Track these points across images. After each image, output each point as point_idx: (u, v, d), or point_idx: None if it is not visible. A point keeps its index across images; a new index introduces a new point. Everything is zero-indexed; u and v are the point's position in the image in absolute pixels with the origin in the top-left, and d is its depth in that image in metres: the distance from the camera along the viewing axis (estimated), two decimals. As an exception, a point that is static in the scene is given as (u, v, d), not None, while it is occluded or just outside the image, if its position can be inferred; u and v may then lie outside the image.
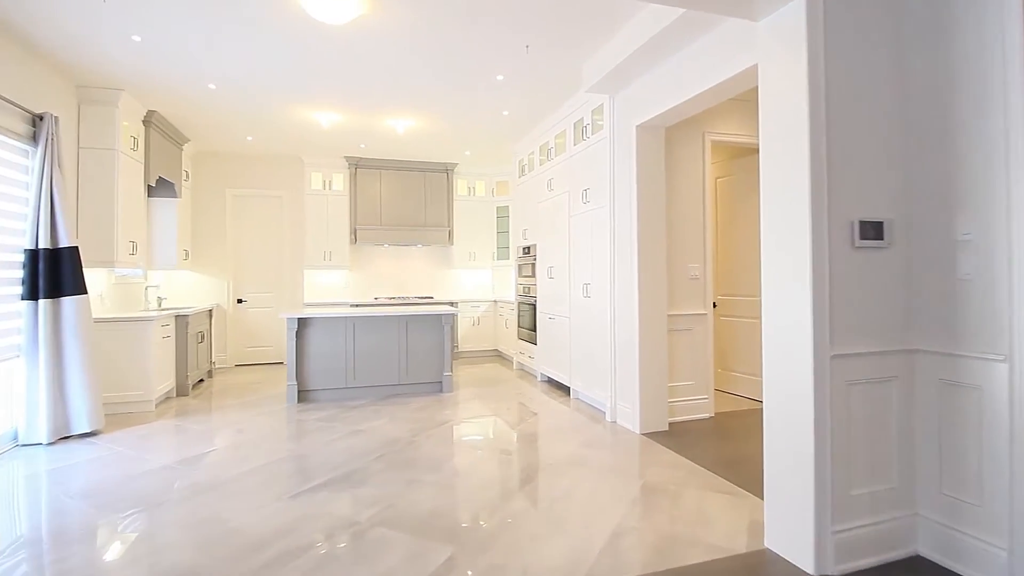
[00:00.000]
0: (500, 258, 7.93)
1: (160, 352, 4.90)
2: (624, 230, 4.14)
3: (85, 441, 3.89)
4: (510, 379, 6.13)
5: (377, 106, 5.19)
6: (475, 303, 7.64)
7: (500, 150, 6.95)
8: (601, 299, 4.47)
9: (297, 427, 4.19)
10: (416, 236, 7.45)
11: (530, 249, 6.23)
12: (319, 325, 5.11)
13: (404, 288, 7.83)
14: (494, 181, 7.95)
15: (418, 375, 5.38)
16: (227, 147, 6.68)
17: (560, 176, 5.33)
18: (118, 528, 2.52)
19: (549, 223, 5.62)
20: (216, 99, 4.92)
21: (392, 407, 4.80)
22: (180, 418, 4.47)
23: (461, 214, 7.84)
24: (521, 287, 6.55)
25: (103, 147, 4.59)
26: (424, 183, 7.60)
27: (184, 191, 6.51)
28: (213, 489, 2.96)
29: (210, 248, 6.94)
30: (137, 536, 2.44)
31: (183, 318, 5.32)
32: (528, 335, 6.31)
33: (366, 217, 7.34)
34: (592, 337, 4.65)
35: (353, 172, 7.29)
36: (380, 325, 5.27)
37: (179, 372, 5.32)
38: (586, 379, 4.79)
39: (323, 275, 7.47)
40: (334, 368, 5.15)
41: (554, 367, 5.54)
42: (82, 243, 4.53)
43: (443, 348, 5.42)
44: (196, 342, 5.72)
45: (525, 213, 6.41)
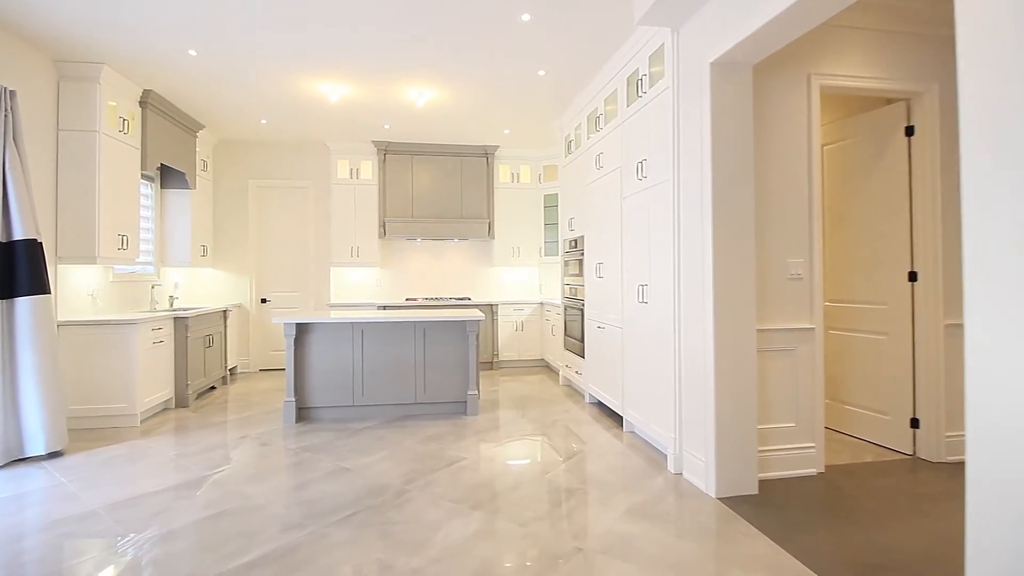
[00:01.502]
0: (548, 254, 6.91)
1: (150, 359, 4.33)
2: (693, 212, 3.01)
3: (38, 466, 3.32)
4: (553, 398, 5.11)
5: (387, 72, 4.34)
6: (518, 305, 6.67)
7: (544, 127, 5.93)
8: (661, 306, 3.36)
9: (277, 459, 3.42)
10: (452, 229, 6.59)
11: (577, 242, 5.17)
12: (321, 332, 4.35)
13: (439, 288, 7.01)
14: (541, 165, 6.94)
15: (437, 393, 4.49)
16: (245, 133, 6.14)
17: (611, 149, 4.24)
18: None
19: (598, 209, 4.54)
20: (201, 69, 4.27)
21: (399, 434, 3.94)
22: (159, 439, 3.85)
23: (503, 204, 6.89)
24: (568, 287, 5.51)
25: (83, 128, 4.06)
26: (461, 169, 6.73)
27: (202, 183, 6.03)
28: (108, 561, 2.19)
29: (232, 244, 6.45)
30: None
31: (182, 321, 4.76)
32: (575, 345, 5.26)
33: (396, 208, 6.57)
34: (649, 355, 3.54)
35: (382, 158, 6.54)
36: (392, 333, 4.44)
37: (178, 381, 4.77)
38: (642, 409, 3.68)
39: (351, 273, 6.80)
40: (339, 383, 4.37)
41: (603, 388, 4.46)
42: (62, 237, 4.02)
43: (467, 361, 4.50)
44: (203, 347, 5.17)
45: (572, 199, 5.35)
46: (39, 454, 3.41)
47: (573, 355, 5.33)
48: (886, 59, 3.32)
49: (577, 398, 5.09)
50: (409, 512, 2.64)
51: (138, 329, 4.13)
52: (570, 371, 5.45)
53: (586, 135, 4.90)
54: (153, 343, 4.38)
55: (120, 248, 4.36)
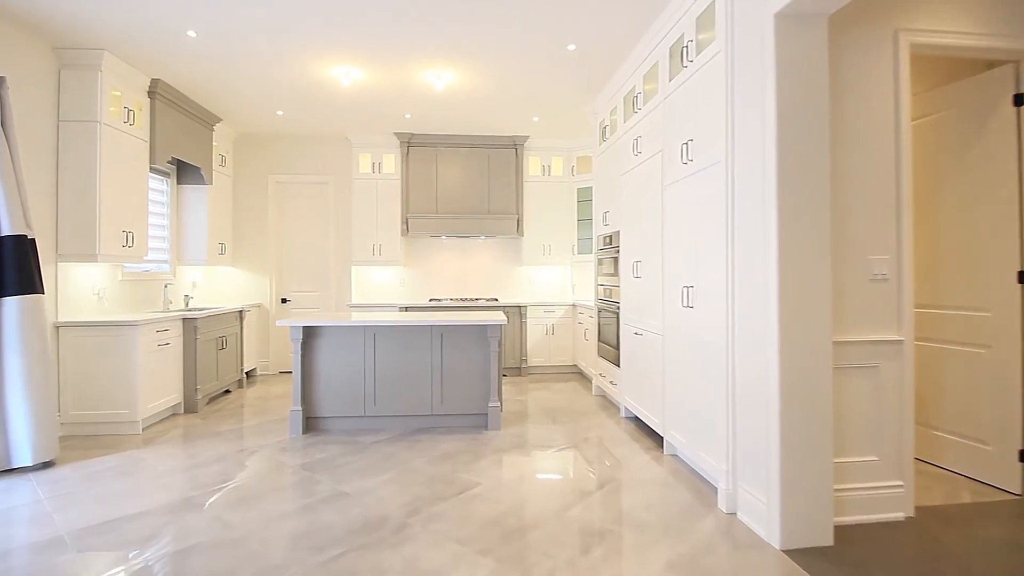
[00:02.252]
0: (582, 252, 6.41)
1: (155, 363, 4.10)
2: (752, 200, 2.48)
3: (24, 478, 3.10)
4: (585, 410, 4.62)
5: (399, 52, 3.97)
6: (549, 307, 6.20)
7: (575, 113, 5.45)
8: (711, 311, 2.84)
9: (272, 478, 3.08)
10: (478, 226, 6.18)
11: (612, 238, 4.67)
12: (331, 336, 4.02)
13: (465, 288, 6.62)
14: (574, 157, 6.45)
15: (455, 404, 4.08)
16: (263, 126, 5.91)
17: (650, 131, 3.73)
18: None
19: (634, 200, 4.04)
20: (203, 52, 4.00)
21: (410, 451, 3.55)
22: (156, 450, 3.59)
23: (533, 198, 6.44)
24: (602, 288, 5.01)
25: (83, 118, 3.86)
26: (488, 162, 6.31)
27: (221, 178, 5.83)
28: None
29: (252, 242, 6.25)
30: None
31: (191, 322, 4.52)
32: (610, 353, 4.76)
33: (419, 204, 6.22)
34: (695, 369, 3.02)
35: (405, 152, 6.20)
36: (407, 337, 4.06)
37: (187, 386, 4.54)
38: (687, 431, 3.17)
39: (373, 272, 6.49)
40: (349, 392, 4.03)
41: (641, 403, 3.95)
42: (62, 233, 3.82)
43: (489, 370, 4.07)
44: (216, 349, 4.94)
45: (606, 191, 4.85)
46: (26, 465, 3.18)
47: (607, 363, 4.83)
48: (990, 11, 2.70)
49: (611, 411, 4.60)
50: (406, 554, 2.23)
51: (140, 331, 3.89)
52: (604, 380, 4.95)
53: (622, 119, 4.39)
54: (158, 345, 4.14)
55: (125, 245, 4.15)
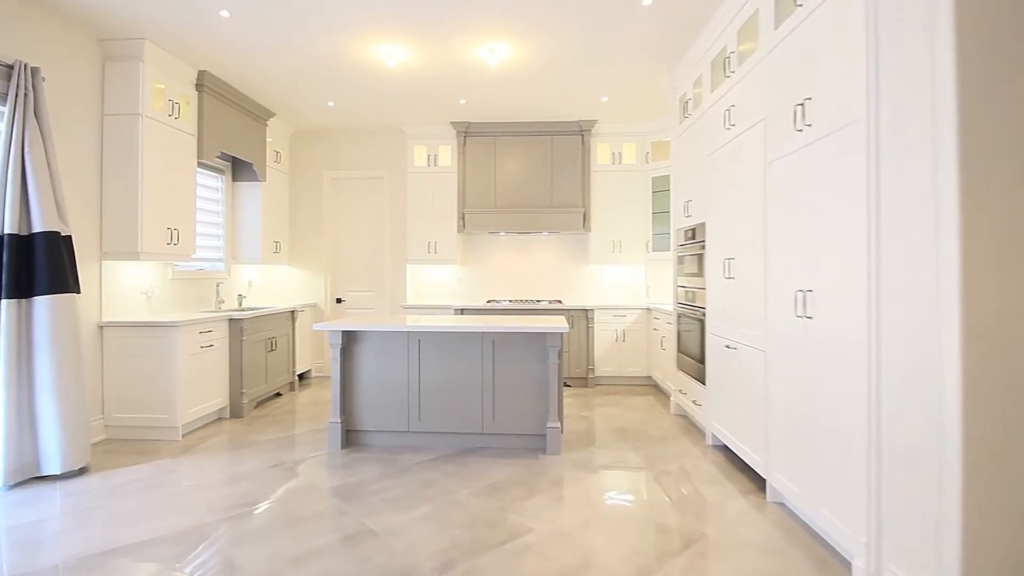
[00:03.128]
0: (658, 249, 5.69)
1: (197, 366, 3.90)
2: (912, 170, 1.75)
3: (51, 487, 2.92)
4: (662, 433, 3.94)
5: (443, 23, 3.50)
6: (619, 311, 5.54)
7: (651, 88, 4.75)
8: (840, 323, 2.11)
9: (295, 505, 2.70)
10: (540, 221, 5.63)
11: (695, 232, 3.95)
12: (373, 342, 3.62)
13: (525, 289, 6.09)
14: (648, 142, 5.73)
15: (509, 423, 3.56)
16: (316, 120, 5.69)
17: (747, 97, 3.01)
18: None
19: (726, 184, 3.32)
20: (239, 33, 3.73)
21: (454, 478, 3.06)
22: (190, 461, 3.35)
23: (602, 190, 5.80)
24: (682, 291, 4.29)
25: (125, 111, 3.71)
26: (551, 150, 5.74)
27: (277, 175, 5.68)
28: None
29: (307, 240, 6.07)
30: None
31: (236, 323, 4.32)
32: (692, 367, 4.05)
33: (477, 198, 5.77)
34: (815, 399, 2.30)
35: (462, 142, 5.77)
36: (455, 345, 3.59)
37: (232, 389, 4.33)
38: (800, 478, 2.44)
39: (429, 271, 6.12)
40: (392, 404, 3.61)
41: (734, 432, 3.23)
42: (106, 230, 3.70)
43: (547, 385, 3.51)
44: (264, 351, 4.73)
45: (688, 176, 4.13)
46: (53, 473, 3.01)
47: (689, 378, 4.12)
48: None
49: (695, 436, 3.88)
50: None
51: (180, 332, 3.69)
52: (685, 399, 4.23)
53: (708, 88, 3.67)
54: (201, 347, 3.95)
55: (170, 243, 3.99)
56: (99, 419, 3.68)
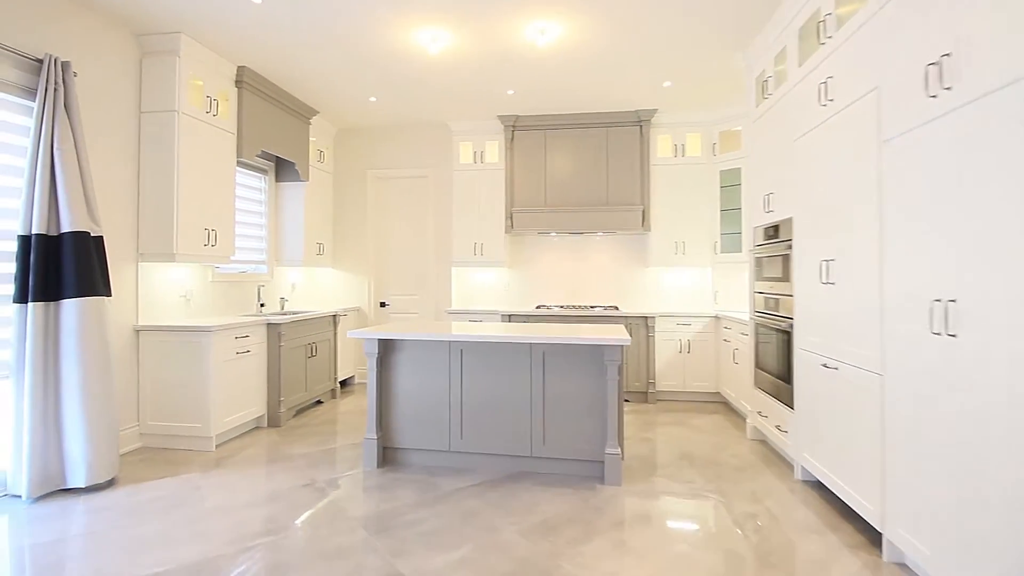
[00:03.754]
0: (726, 250, 5.12)
1: (232, 373, 3.72)
2: None
3: (76, 500, 2.77)
4: (739, 462, 3.42)
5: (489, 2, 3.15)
6: (683, 319, 5.01)
7: (721, 70, 4.22)
8: (1001, 346, 1.58)
9: (320, 537, 2.40)
10: (594, 220, 5.19)
11: (777, 229, 3.41)
12: (410, 351, 3.31)
13: (578, 294, 5.65)
14: (715, 132, 5.18)
15: (561, 446, 3.15)
16: (359, 117, 5.48)
17: (851, 64, 2.48)
18: None
19: (821, 171, 2.78)
20: (273, 24, 3.51)
21: (499, 510, 2.68)
22: (219, 476, 3.14)
23: (663, 185, 5.29)
24: (761, 298, 3.74)
25: (161, 108, 3.58)
26: (606, 143, 5.29)
27: (321, 175, 5.53)
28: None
29: (350, 242, 5.89)
30: None
31: (275, 327, 4.13)
32: (775, 387, 3.50)
33: (526, 196, 5.39)
34: (964, 443, 1.76)
35: (509, 137, 5.42)
36: (501, 357, 3.22)
37: (270, 397, 4.15)
38: (936, 540, 1.90)
39: (475, 275, 5.80)
40: (432, 420, 3.29)
41: (836, 470, 2.68)
42: (142, 231, 3.57)
43: (605, 404, 3.08)
44: (304, 357, 4.54)
45: (767, 166, 3.59)
46: (78, 486, 2.86)
47: (770, 399, 3.57)
48: None
49: (779, 467, 3.34)
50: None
51: (214, 338, 3.51)
52: (766, 423, 3.68)
53: (796, 62, 3.14)
54: (236, 353, 3.77)
55: (207, 245, 3.84)
56: (134, 426, 3.56)
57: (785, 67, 3.34)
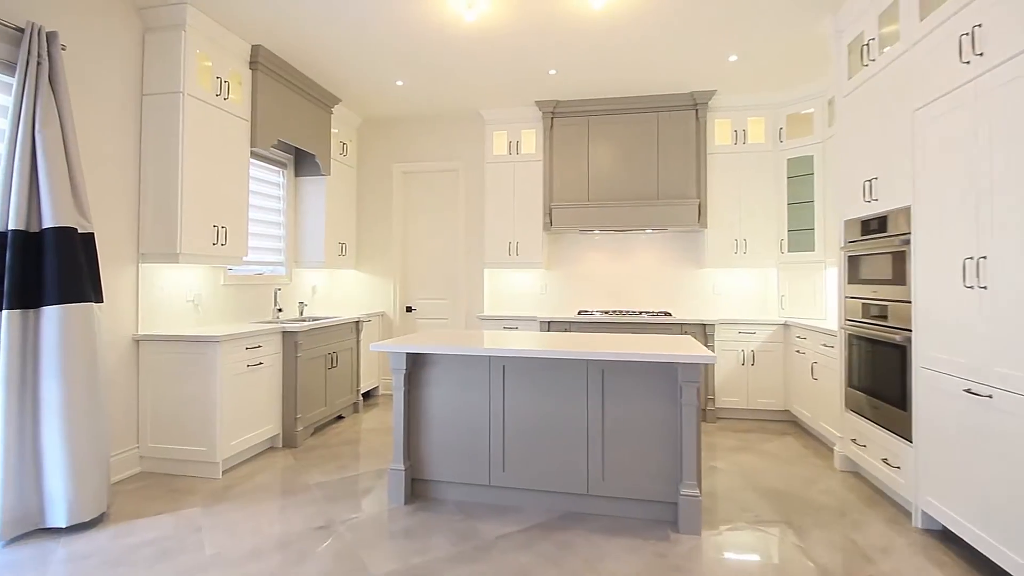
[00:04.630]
0: (795, 248, 4.52)
1: (242, 387, 3.30)
2: None
3: (58, 544, 2.35)
4: (835, 502, 2.83)
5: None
6: (746, 326, 4.42)
7: (803, 37, 3.63)
8: None
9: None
10: (644, 216, 4.63)
11: (884, 222, 2.82)
12: (444, 367, 2.83)
13: (624, 297, 5.10)
14: (782, 116, 4.58)
15: (625, 484, 2.62)
16: (385, 105, 5.04)
17: (1014, 5, 1.90)
18: None
19: (958, 148, 2.19)
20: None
21: (556, 569, 2.17)
22: (223, 511, 2.70)
23: (721, 177, 4.71)
24: (856, 304, 3.15)
25: (165, 90, 3.18)
26: (656, 130, 4.74)
27: (343, 169, 5.10)
28: None
29: (375, 241, 5.45)
30: None
31: (291, 336, 3.70)
32: (879, 411, 2.91)
33: (567, 190, 4.88)
34: None
35: (548, 125, 4.91)
36: (550, 374, 2.71)
37: (285, 414, 3.72)
38: None
39: (509, 276, 5.30)
40: (469, 449, 2.79)
41: (987, 524, 2.09)
42: (143, 228, 3.17)
43: (678, 434, 2.54)
44: (324, 368, 4.10)
45: (868, 147, 3.00)
46: (58, 526, 2.45)
47: (870, 425, 2.97)
48: None
49: (883, 507, 2.74)
50: None
51: (221, 349, 3.09)
52: (863, 452, 3.08)
53: (916, 15, 2.55)
54: (248, 366, 3.34)
55: (217, 243, 3.43)
56: (133, 449, 3.15)
57: (897, 26, 2.75)
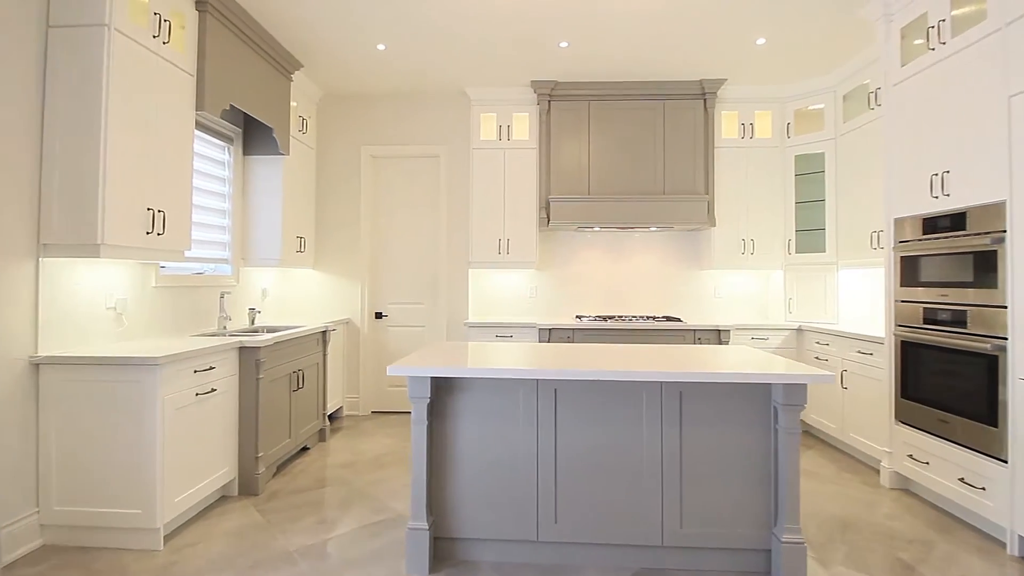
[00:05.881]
0: (803, 250, 4.31)
1: (191, 424, 2.50)
2: None
3: None
4: (905, 528, 2.54)
5: None
6: (760, 332, 4.15)
7: (839, 23, 3.37)
8: None
9: None
10: (650, 213, 4.23)
11: (963, 218, 2.57)
12: (476, 393, 2.23)
13: (622, 301, 4.69)
14: (789, 111, 4.36)
15: (707, 532, 2.15)
16: (357, 75, 4.29)
17: None
18: None
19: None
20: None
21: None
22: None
23: (728, 172, 4.42)
24: (915, 309, 2.90)
25: (80, 22, 2.32)
26: (663, 120, 4.37)
27: (301, 150, 4.29)
28: None
29: (339, 235, 4.67)
30: None
31: (251, 353, 2.91)
32: (947, 425, 2.65)
33: (565, 182, 4.39)
34: None
35: (545, 108, 4.39)
36: (611, 400, 2.19)
37: (243, 453, 2.92)
38: None
39: (496, 278, 4.73)
40: (510, 496, 2.21)
41: None
42: (46, 211, 2.30)
43: (772, 467, 2.12)
44: (288, 390, 3.33)
45: (935, 138, 2.74)
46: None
47: (939, 441, 2.71)
48: None
49: (961, 532, 2.48)
50: None
51: (162, 374, 2.29)
52: (924, 470, 2.81)
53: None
54: (197, 395, 2.54)
55: (152, 232, 2.59)
56: (30, 516, 2.27)
57: (984, 5, 2.50)
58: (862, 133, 3.76)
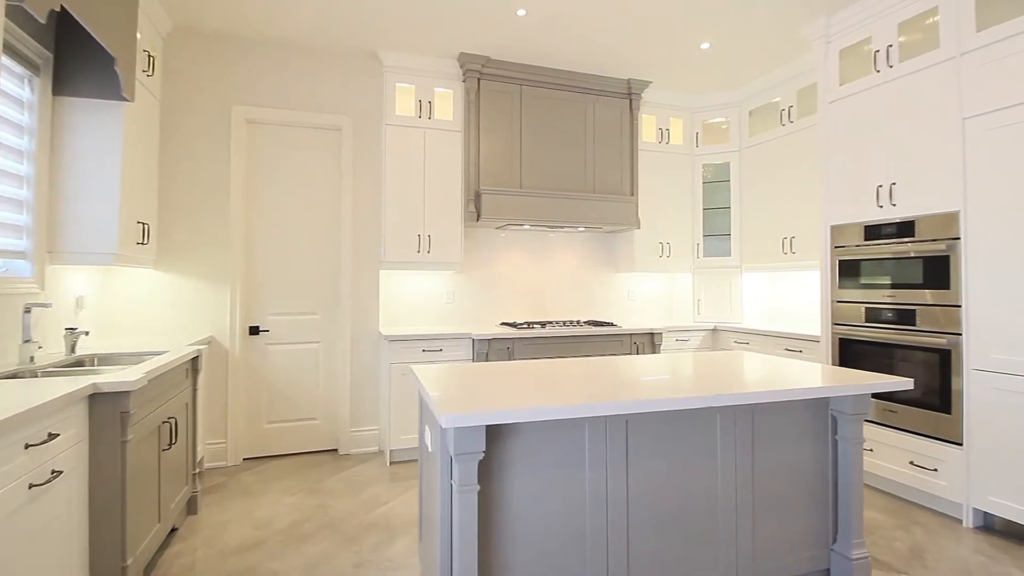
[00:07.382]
0: (710, 254, 4.52)
1: (17, 538, 1.40)
2: None
3: None
4: (868, 514, 2.70)
5: None
6: (683, 333, 4.21)
7: (778, 38, 3.54)
8: None
9: None
10: (581, 211, 3.98)
11: (908, 227, 2.83)
12: (531, 439, 1.66)
13: (544, 306, 4.38)
14: (698, 121, 4.55)
15: (775, 560, 1.93)
16: (228, 7, 3.19)
17: None
18: None
19: (1014, 159, 2.24)
20: None
21: None
22: None
23: (648, 175, 4.43)
24: (857, 309, 3.14)
25: None
26: (593, 116, 4.18)
27: (147, 100, 3.02)
28: None
29: (197, 224, 3.44)
30: None
31: (113, 402, 1.82)
32: (895, 415, 2.90)
33: (495, 173, 3.90)
34: None
35: (473, 87, 3.84)
36: (680, 430, 1.84)
37: (101, 556, 1.81)
38: None
39: (412, 281, 4.00)
40: (573, 564, 1.69)
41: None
42: None
43: (830, 481, 1.99)
44: (158, 449, 2.22)
45: (879, 154, 2.99)
46: None
47: (885, 431, 2.96)
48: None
49: (916, 513, 2.72)
50: None
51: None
52: (870, 456, 3.05)
53: (972, 27, 2.58)
54: (31, 487, 1.44)
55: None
56: None
57: (927, 35, 2.78)
58: (770, 147, 4.06)
